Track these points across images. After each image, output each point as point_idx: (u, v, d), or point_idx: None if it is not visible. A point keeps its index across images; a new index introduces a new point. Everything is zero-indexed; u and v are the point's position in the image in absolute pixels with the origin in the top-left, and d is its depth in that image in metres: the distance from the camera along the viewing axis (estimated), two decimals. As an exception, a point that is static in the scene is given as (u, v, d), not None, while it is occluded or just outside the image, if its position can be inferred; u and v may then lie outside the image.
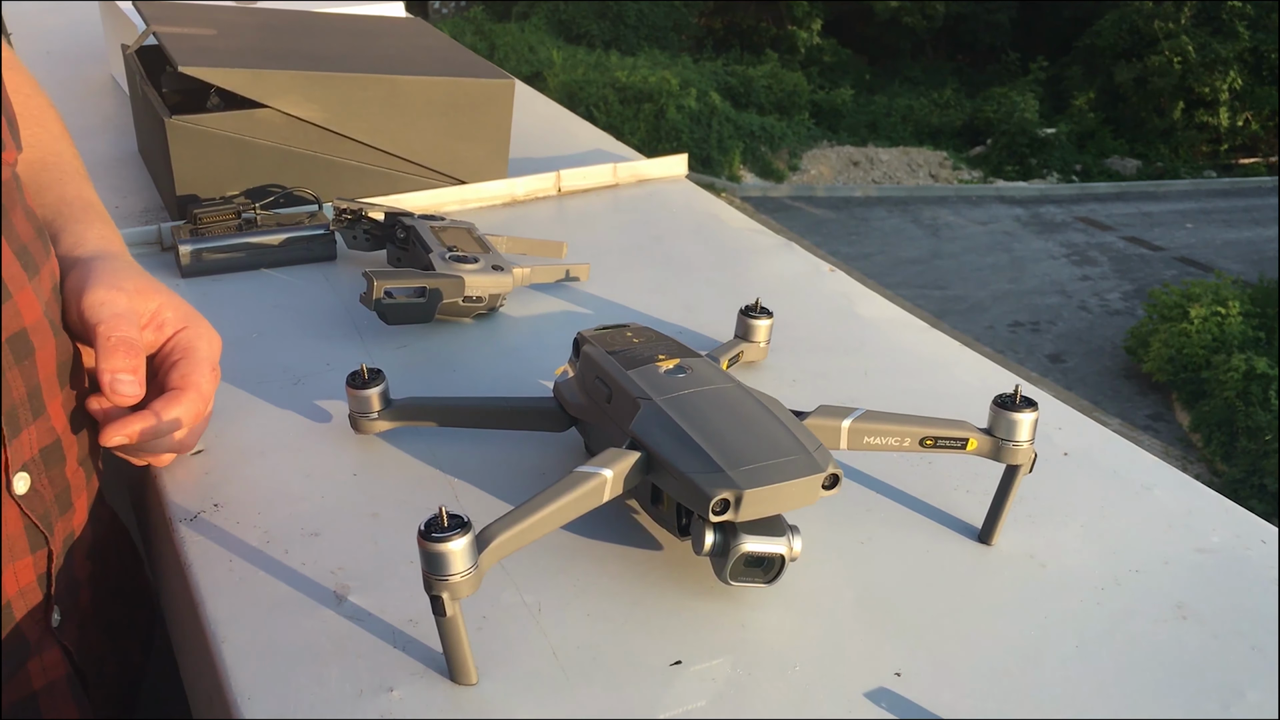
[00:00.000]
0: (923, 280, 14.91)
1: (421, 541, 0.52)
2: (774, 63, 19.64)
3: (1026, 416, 0.65)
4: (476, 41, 18.07)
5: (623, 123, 16.22)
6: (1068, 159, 18.88)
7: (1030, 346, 13.65)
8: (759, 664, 0.58)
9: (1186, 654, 0.60)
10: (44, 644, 0.66)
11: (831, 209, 16.76)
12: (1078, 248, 16.37)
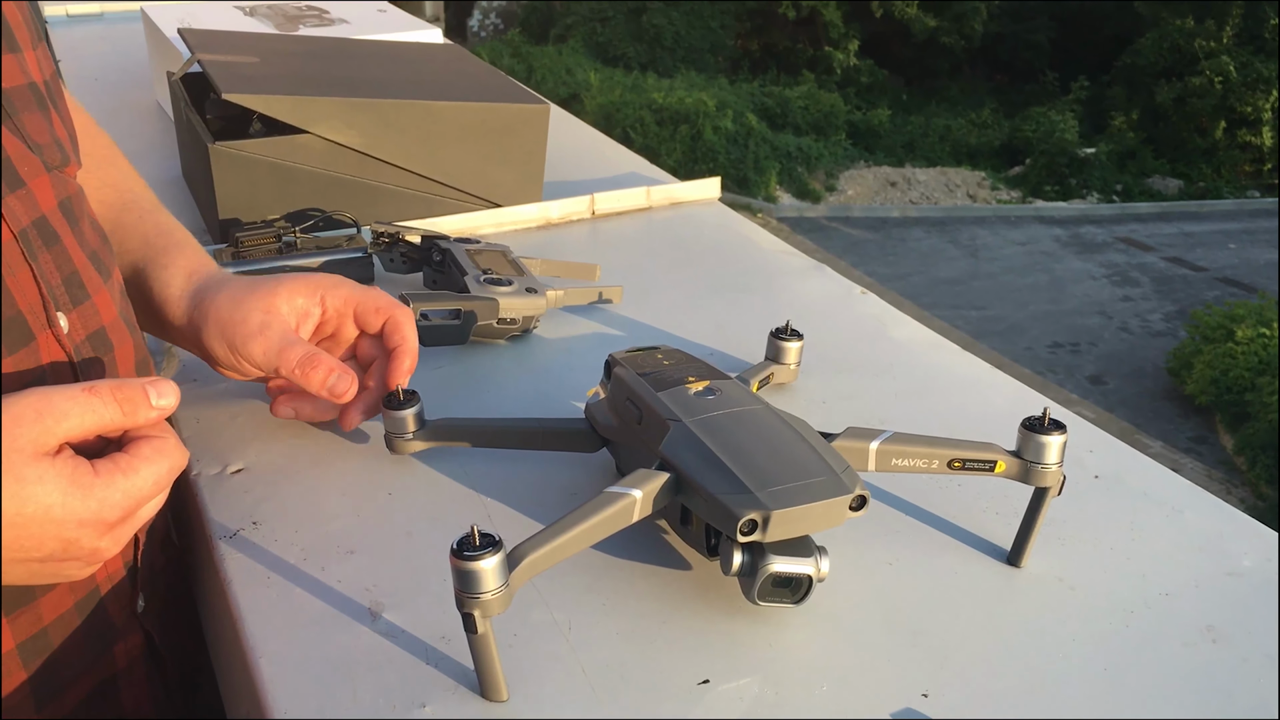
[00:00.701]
0: (960, 301, 14.83)
1: (454, 560, 0.53)
2: (811, 83, 19.67)
3: (1055, 439, 0.65)
4: (514, 64, 18.22)
5: (659, 144, 16.28)
6: (1108, 179, 18.74)
7: (1070, 368, 13.53)
8: (786, 683, 0.58)
9: (1216, 677, 0.60)
10: (129, 628, 0.70)
11: (868, 229, 16.72)
12: (1118, 268, 16.23)
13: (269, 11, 1.49)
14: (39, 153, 0.63)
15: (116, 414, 0.58)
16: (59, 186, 0.65)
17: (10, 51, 0.63)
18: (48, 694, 0.65)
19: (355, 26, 1.44)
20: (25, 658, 0.63)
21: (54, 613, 0.64)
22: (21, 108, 0.63)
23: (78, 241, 0.66)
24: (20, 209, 0.61)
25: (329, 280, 0.78)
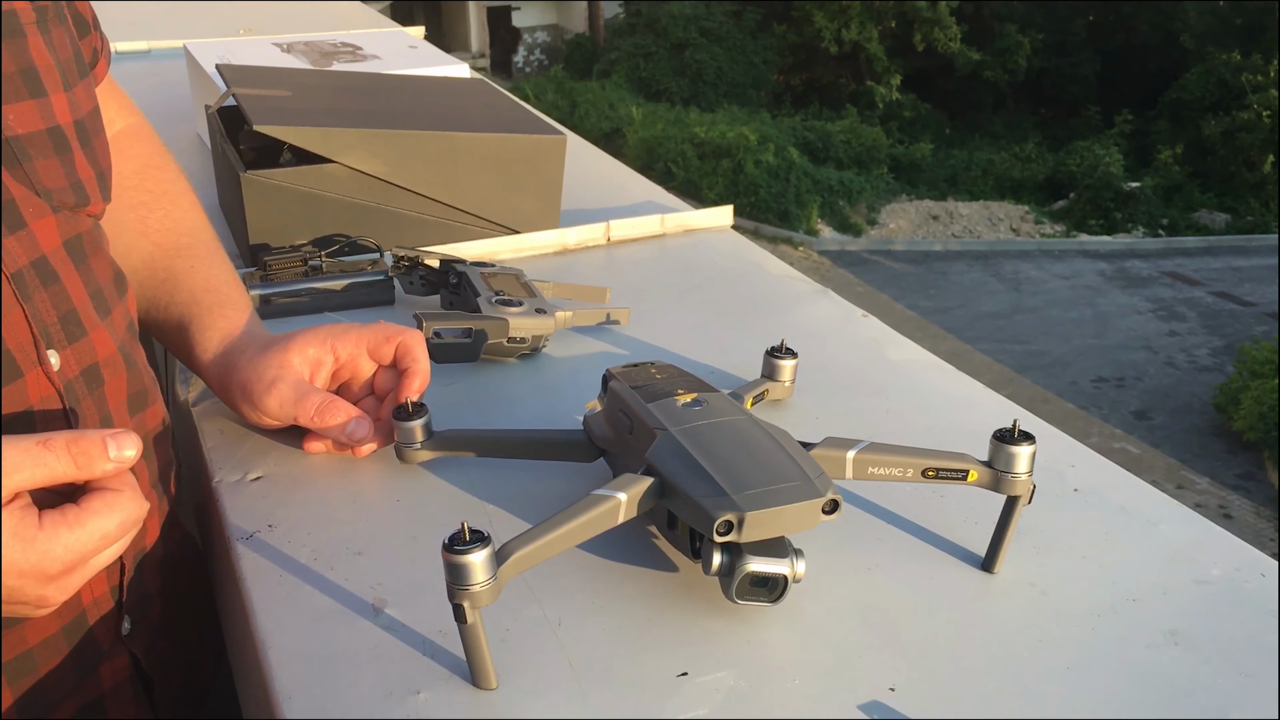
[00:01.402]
0: (1003, 335, 14.74)
1: (445, 554, 0.57)
2: (853, 118, 19.71)
3: (1024, 449, 0.68)
4: (558, 99, 18.43)
5: (701, 178, 16.38)
6: (1154, 213, 18.59)
7: (1114, 403, 13.39)
8: (760, 676, 0.62)
9: (1176, 678, 0.62)
10: (115, 650, 0.73)
11: (910, 263, 16.70)
12: (1164, 303, 16.08)
13: (305, 48, 1.56)
14: (48, 198, 0.67)
15: (69, 467, 0.59)
16: (66, 226, 0.68)
17: (35, 97, 0.67)
18: (34, 714, 0.68)
19: (386, 62, 1.50)
20: (10, 678, 0.66)
21: (39, 635, 0.67)
22: (35, 154, 0.66)
23: (81, 279, 0.69)
24: (19, 250, 0.64)
25: (338, 328, 0.83)
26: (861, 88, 21.55)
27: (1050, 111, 22.75)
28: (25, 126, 0.66)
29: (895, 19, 21.31)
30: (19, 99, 0.66)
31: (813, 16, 21.04)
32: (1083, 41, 22.67)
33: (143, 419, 0.75)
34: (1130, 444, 12.52)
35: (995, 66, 21.61)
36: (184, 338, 0.86)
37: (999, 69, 21.63)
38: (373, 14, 2.51)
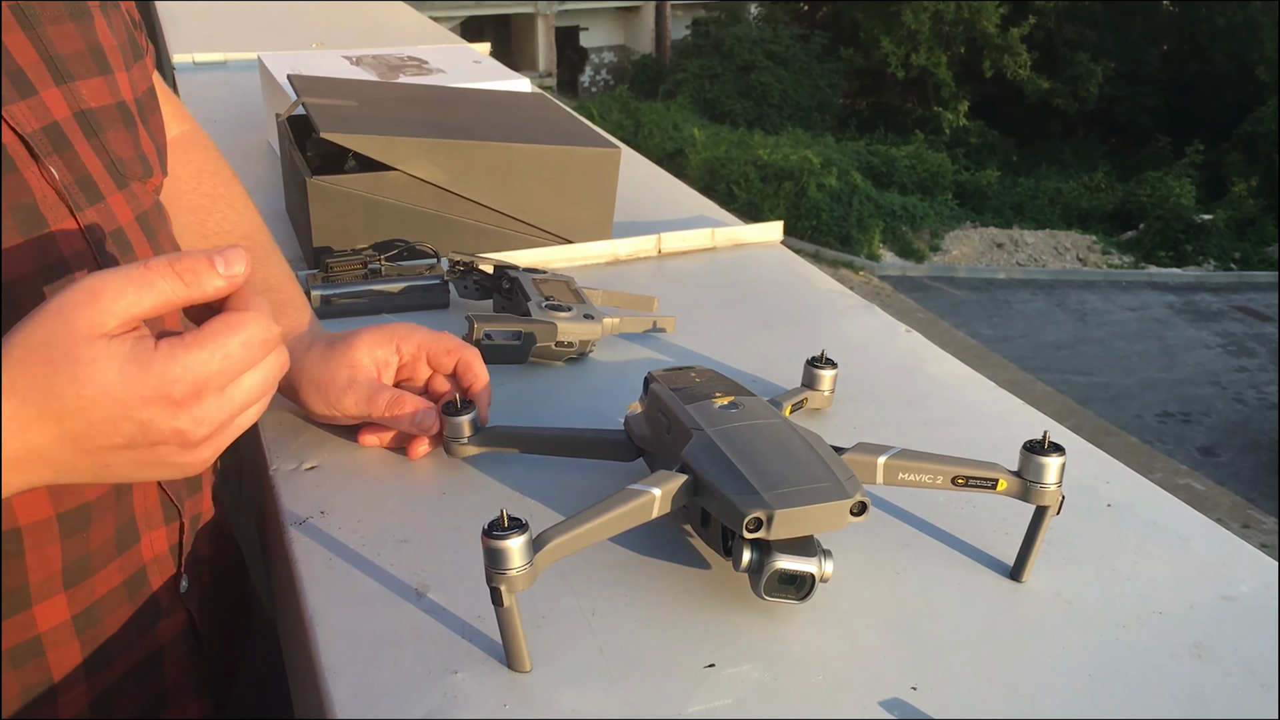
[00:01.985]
0: (1067, 366, 14.54)
1: (484, 539, 0.60)
2: (920, 143, 19.60)
3: (1054, 460, 0.69)
4: (622, 119, 18.54)
5: (763, 200, 16.38)
6: (1225, 246, 18.26)
7: (1180, 438, 13.14)
8: (785, 671, 0.64)
9: (1195, 689, 0.63)
10: (173, 607, 0.77)
11: (972, 290, 16.55)
12: (1234, 338, 15.77)
13: (373, 61, 1.61)
14: (122, 167, 0.72)
15: (178, 286, 0.57)
16: (135, 202, 0.73)
17: (103, 74, 0.72)
18: (97, 663, 0.72)
19: (450, 75, 1.55)
20: (79, 627, 0.70)
21: (105, 587, 0.71)
22: (108, 125, 0.71)
23: (152, 251, 0.74)
24: (100, 220, 0.69)
25: (402, 329, 0.87)
26: (928, 113, 21.44)
27: (1120, 141, 22.46)
28: (97, 100, 0.71)
29: (964, 45, 21.18)
30: (90, 75, 0.71)
31: (880, 41, 20.99)
32: (1156, 71, 22.37)
33: None
34: (1195, 480, 12.28)
35: (1065, 94, 21.38)
36: None
37: (1069, 97, 21.40)
38: (442, 31, 2.57)
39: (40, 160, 0.65)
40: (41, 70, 0.67)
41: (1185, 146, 20.14)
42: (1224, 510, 11.67)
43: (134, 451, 0.57)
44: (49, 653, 0.69)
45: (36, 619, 0.67)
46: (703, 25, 21.82)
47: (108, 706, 0.73)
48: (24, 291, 0.63)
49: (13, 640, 0.67)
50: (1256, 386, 14.33)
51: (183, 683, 0.80)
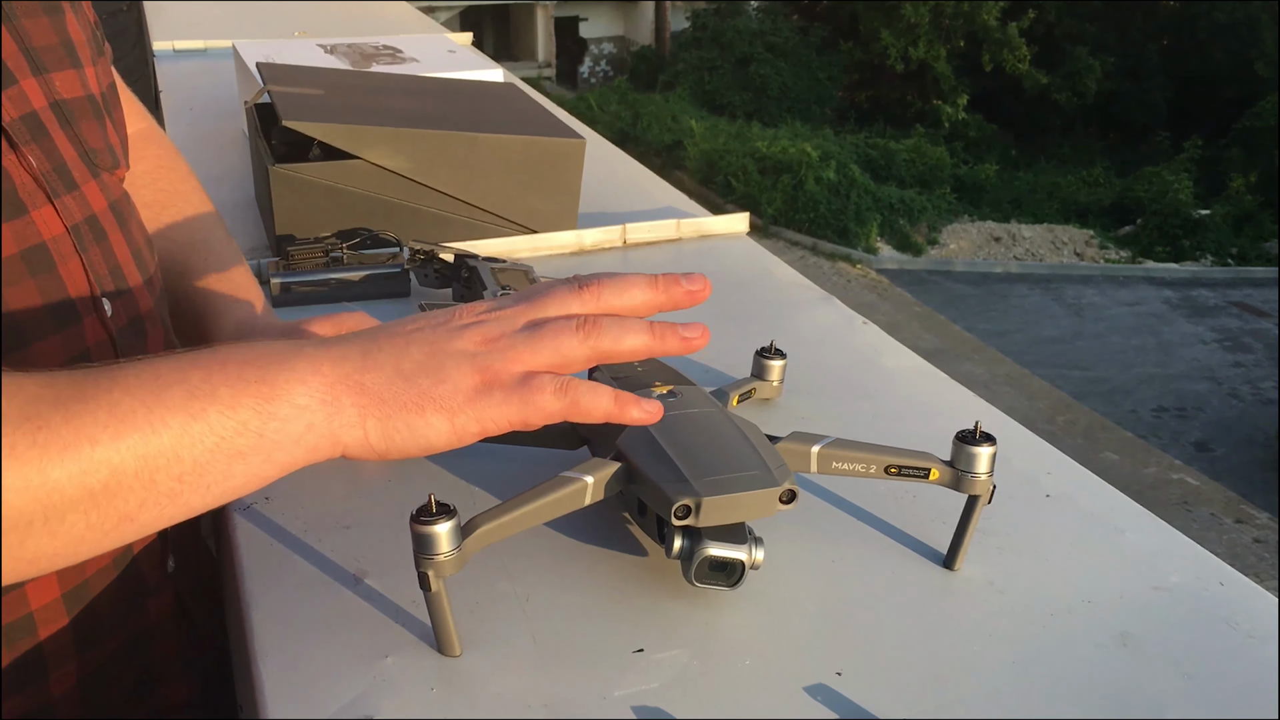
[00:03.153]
0: (1063, 360, 14.54)
1: (412, 524, 0.60)
2: (918, 137, 19.59)
3: (985, 450, 0.70)
4: (621, 110, 18.51)
5: (760, 192, 16.36)
6: (1223, 242, 18.26)
7: (1175, 433, 13.15)
8: (713, 656, 0.64)
9: (1117, 676, 0.64)
10: (161, 586, 0.78)
11: (970, 284, 16.54)
12: (1231, 333, 15.77)
13: (347, 50, 1.61)
14: (94, 157, 0.73)
15: None
16: (107, 191, 0.75)
17: (74, 67, 0.73)
18: (87, 642, 0.73)
19: (424, 65, 1.55)
20: (69, 605, 0.72)
21: (95, 566, 0.73)
22: (80, 117, 0.73)
23: (124, 239, 0.76)
24: (75, 207, 0.71)
25: (352, 319, 0.88)
26: (927, 107, 21.41)
27: (1119, 136, 22.44)
28: (70, 92, 0.73)
29: (964, 39, 21.15)
30: (63, 67, 0.73)
31: (879, 34, 20.96)
32: (1156, 66, 22.34)
33: None
34: (1189, 475, 12.29)
35: (1064, 89, 21.36)
36: (200, 326, 0.91)
37: (1068, 92, 21.38)
38: (427, 20, 2.57)
39: (19, 148, 0.67)
40: (20, 61, 0.69)
41: (1184, 142, 20.13)
42: (1218, 505, 11.69)
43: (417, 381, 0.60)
44: (40, 629, 0.70)
45: (29, 596, 0.68)
46: (702, 17, 21.78)
47: (98, 683, 0.74)
48: (9, 274, 0.65)
49: (7, 618, 0.68)
50: (1252, 382, 14.35)
51: (172, 661, 0.81)
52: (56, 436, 0.53)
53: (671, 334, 0.64)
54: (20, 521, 0.52)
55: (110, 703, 0.76)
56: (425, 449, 0.61)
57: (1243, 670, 0.65)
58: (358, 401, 0.60)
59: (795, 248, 15.94)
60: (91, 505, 0.54)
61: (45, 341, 0.67)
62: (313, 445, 0.60)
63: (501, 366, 0.61)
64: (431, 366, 0.61)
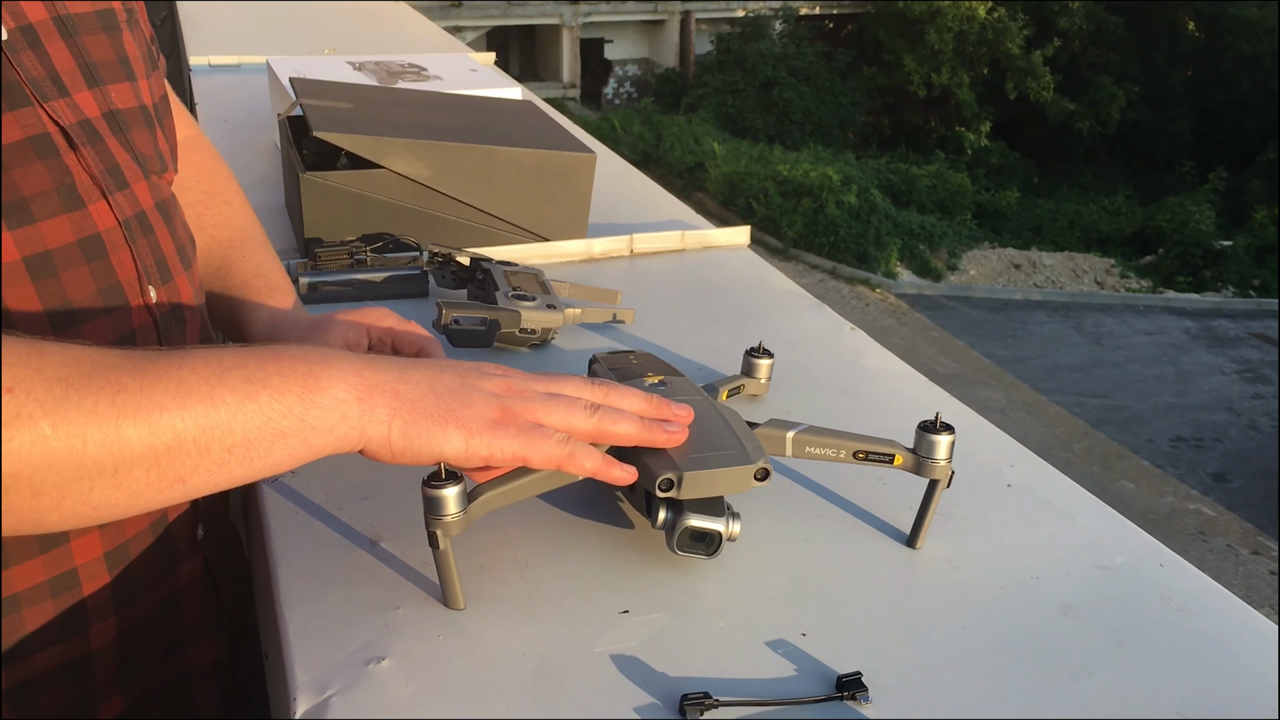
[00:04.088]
0: (1081, 388, 14.54)
1: (424, 488, 0.68)
2: (940, 163, 19.64)
3: (944, 438, 0.77)
4: (644, 131, 18.65)
5: (781, 215, 16.44)
6: (1245, 273, 18.21)
7: (1192, 463, 13.12)
8: (690, 618, 0.71)
9: (1054, 639, 0.70)
10: (191, 552, 0.86)
11: (989, 310, 16.56)
12: (1251, 364, 15.73)
13: (375, 67, 1.70)
14: (143, 162, 0.82)
15: None
16: (155, 191, 0.83)
17: (129, 80, 0.82)
18: (124, 599, 0.81)
19: (447, 82, 1.63)
20: (110, 564, 0.79)
21: (134, 529, 0.80)
22: (132, 125, 0.81)
23: (170, 234, 0.84)
24: (126, 204, 0.79)
25: (374, 314, 0.95)
26: (950, 133, 21.48)
27: (1142, 165, 22.44)
28: (124, 103, 0.81)
29: (987, 66, 21.23)
30: (118, 80, 0.81)
31: (903, 60, 21.05)
32: (1180, 96, 22.35)
33: None
34: (1206, 505, 12.26)
35: (1088, 117, 21.39)
36: (235, 318, 0.99)
37: (1091, 120, 21.41)
38: (450, 39, 2.66)
39: (78, 149, 0.75)
40: (77, 75, 0.77)
41: (1208, 173, 20.12)
42: (1234, 536, 11.65)
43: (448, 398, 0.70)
44: (84, 584, 0.77)
45: (74, 552, 0.76)
46: (726, 41, 21.93)
47: (133, 640, 0.81)
48: (63, 258, 0.73)
49: (53, 571, 0.75)
50: (1271, 414, 14.29)
51: (200, 622, 0.88)
52: (132, 400, 0.62)
53: (657, 429, 0.74)
54: (93, 470, 0.61)
55: (143, 660, 0.83)
56: (436, 457, 0.69)
57: (1170, 638, 0.71)
58: (390, 404, 0.69)
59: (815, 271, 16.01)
60: (154, 464, 0.63)
61: (95, 322, 0.75)
62: (343, 435, 0.68)
63: (519, 411, 0.71)
64: (461, 393, 0.71)
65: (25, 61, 0.72)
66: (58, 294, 0.73)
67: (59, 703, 0.78)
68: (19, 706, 0.77)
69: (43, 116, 0.73)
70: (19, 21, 0.73)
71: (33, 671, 0.77)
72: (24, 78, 0.72)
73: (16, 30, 0.72)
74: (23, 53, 0.72)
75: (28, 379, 0.60)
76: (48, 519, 0.63)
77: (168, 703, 0.86)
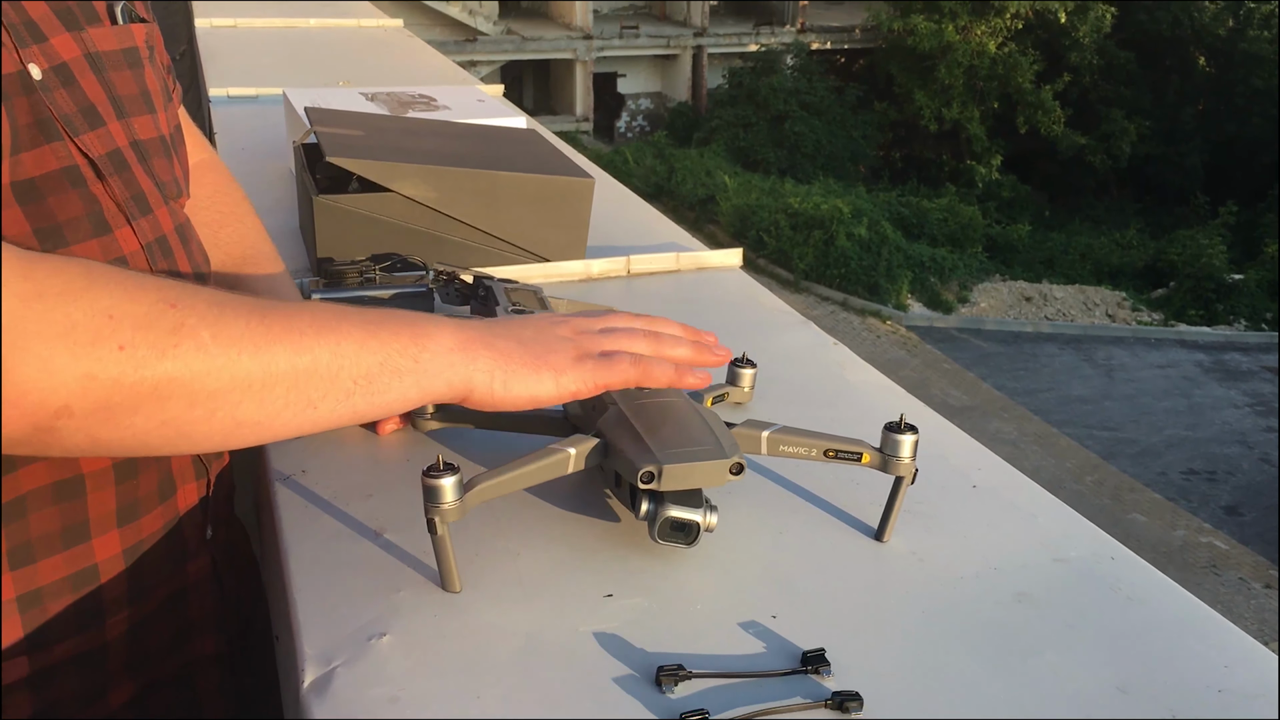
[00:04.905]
0: (1092, 420, 14.55)
1: (423, 478, 0.74)
2: (951, 196, 19.74)
3: (907, 438, 0.83)
4: (656, 164, 18.80)
5: (792, 248, 16.54)
6: (1257, 306, 18.23)
7: (1205, 496, 13.11)
8: (669, 601, 0.77)
9: (1008, 623, 0.76)
10: (199, 550, 0.92)
11: (1000, 343, 16.61)
12: (1263, 398, 15.72)
13: (386, 98, 1.77)
14: (163, 189, 0.88)
15: None
16: (174, 215, 0.89)
17: (150, 112, 0.88)
18: (138, 594, 0.87)
19: (455, 112, 1.71)
20: (127, 560, 0.85)
21: (150, 528, 0.86)
22: (153, 154, 0.87)
23: (187, 257, 0.90)
24: (149, 228, 0.85)
25: None
26: (961, 166, 21.60)
27: (1154, 199, 22.49)
28: (146, 134, 0.87)
29: (998, 100, 21.36)
30: (141, 113, 0.87)
31: (913, 95, 21.20)
32: (1192, 130, 22.45)
33: None
34: (1218, 539, 12.23)
35: (1099, 151, 21.50)
36: None
37: (1103, 154, 21.51)
38: (460, 71, 2.74)
39: (105, 179, 0.81)
40: (108, 107, 0.83)
41: (1220, 207, 20.15)
42: (1246, 570, 11.62)
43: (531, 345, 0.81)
44: (103, 579, 0.83)
45: (95, 549, 0.82)
46: (738, 75, 22.14)
47: (144, 632, 0.87)
48: None
49: (76, 567, 0.81)
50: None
51: (206, 618, 0.93)
52: (276, 323, 0.71)
53: (706, 351, 0.89)
54: (244, 383, 0.69)
55: (153, 650, 0.89)
56: (532, 402, 0.80)
57: (1115, 623, 0.77)
58: (490, 356, 0.79)
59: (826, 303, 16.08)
60: (294, 384, 0.71)
61: None
62: (449, 382, 0.78)
63: (590, 346, 0.82)
64: (542, 341, 0.82)
65: (58, 99, 0.79)
66: None
67: (75, 689, 0.84)
68: (38, 692, 0.82)
69: (73, 150, 0.79)
70: (52, 61, 0.79)
71: (53, 659, 0.82)
72: (56, 114, 0.78)
73: (50, 70, 0.78)
74: (55, 90, 0.79)
75: (188, 295, 0.69)
76: (197, 432, 0.70)
77: (174, 690, 0.92)
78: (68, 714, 0.83)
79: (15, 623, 0.79)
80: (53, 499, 0.78)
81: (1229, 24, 22.59)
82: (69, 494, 0.79)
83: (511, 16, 22.81)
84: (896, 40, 21.84)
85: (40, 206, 0.76)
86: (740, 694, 0.69)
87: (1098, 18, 21.22)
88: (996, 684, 0.71)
